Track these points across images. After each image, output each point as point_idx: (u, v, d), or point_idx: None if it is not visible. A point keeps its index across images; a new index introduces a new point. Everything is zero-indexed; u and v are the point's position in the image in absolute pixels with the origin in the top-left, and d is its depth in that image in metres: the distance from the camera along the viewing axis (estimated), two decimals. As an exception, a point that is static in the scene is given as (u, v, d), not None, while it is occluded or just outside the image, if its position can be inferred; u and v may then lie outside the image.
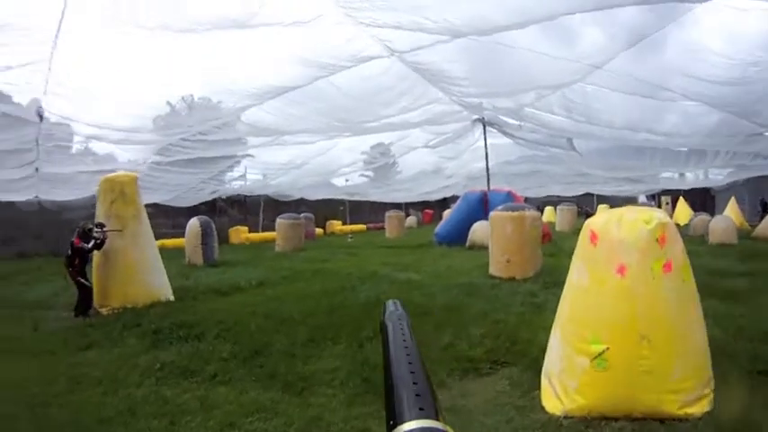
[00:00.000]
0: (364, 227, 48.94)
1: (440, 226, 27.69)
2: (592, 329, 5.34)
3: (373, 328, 8.30)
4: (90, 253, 11.80)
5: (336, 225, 47.05)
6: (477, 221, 21.91)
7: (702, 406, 5.20)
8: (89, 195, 19.60)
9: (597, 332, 5.29)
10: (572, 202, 40.79)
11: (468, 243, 21.79)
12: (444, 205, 44.97)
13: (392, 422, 1.11)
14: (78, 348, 8.84)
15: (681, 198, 44.07)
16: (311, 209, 39.03)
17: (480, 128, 21.57)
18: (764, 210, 30.70)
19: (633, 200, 45.58)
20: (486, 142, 21.94)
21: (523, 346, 7.51)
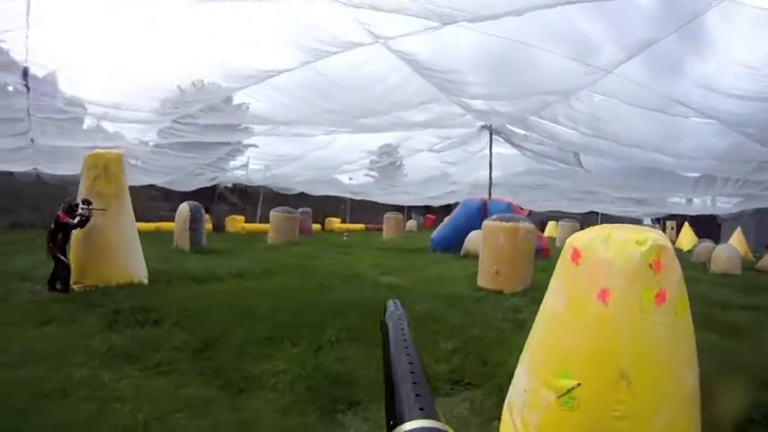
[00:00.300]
0: (363, 226, 48.62)
1: (436, 232, 27.16)
2: (562, 361, 4.51)
3: (339, 332, 7.98)
4: (74, 229, 11.36)
5: (335, 222, 46.70)
6: (473, 230, 21.12)
7: (686, 462, 4.31)
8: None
9: (568, 365, 4.42)
10: (574, 219, 40.52)
11: (462, 251, 21.23)
12: (447, 211, 44.65)
13: (392, 422, 1.09)
14: (38, 322, 8.58)
15: (686, 223, 43.87)
16: (313, 204, 38.89)
17: (487, 135, 21.07)
18: (773, 244, 30.22)
19: (638, 222, 45.25)
20: (491, 150, 21.42)
21: (493, 368, 6.90)
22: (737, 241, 32.00)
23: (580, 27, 10.54)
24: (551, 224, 46.00)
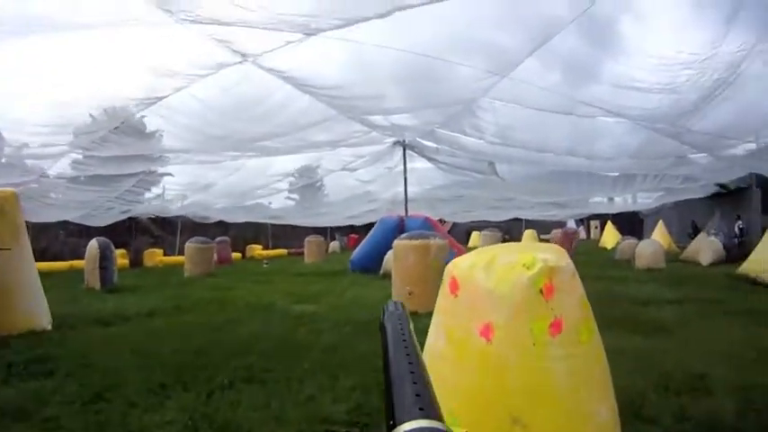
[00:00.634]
0: (285, 251, 47.90)
1: (355, 252, 26.86)
2: (447, 407, 3.57)
3: (234, 372, 7.57)
4: None
5: (256, 249, 45.93)
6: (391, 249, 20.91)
7: None
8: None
9: (454, 411, 3.59)
10: (497, 228, 40.78)
11: (381, 271, 20.91)
12: (370, 230, 44.88)
13: (392, 422, 1.09)
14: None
15: (609, 222, 44.75)
16: (234, 232, 38.36)
17: (401, 151, 20.89)
18: (695, 232, 30.91)
19: (562, 224, 45.94)
20: (405, 165, 21.25)
21: (396, 406, 6.51)
22: (660, 234, 33.13)
23: (478, 33, 10.36)
24: (475, 234, 46.20)
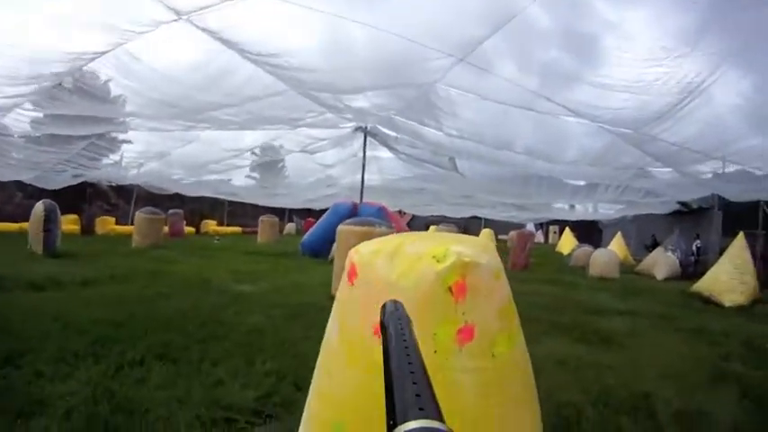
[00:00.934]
0: (240, 230, 47.82)
1: (306, 236, 26.65)
2: (337, 412, 3.17)
3: (149, 348, 7.28)
4: None
5: (211, 225, 45.78)
6: (343, 234, 20.70)
7: None
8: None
9: (343, 418, 3.10)
10: (454, 224, 40.76)
11: (330, 256, 20.45)
12: (326, 214, 44.79)
13: (392, 422, 1.05)
14: None
15: (566, 228, 45.08)
16: (190, 206, 37.91)
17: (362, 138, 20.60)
18: (654, 245, 31.17)
19: (522, 227, 46.08)
20: (364, 152, 21.00)
21: (306, 394, 6.18)
22: (618, 246, 33.28)
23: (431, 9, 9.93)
24: (432, 228, 46.21)
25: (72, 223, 32.46)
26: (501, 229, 48.90)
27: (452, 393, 2.76)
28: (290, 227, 51.06)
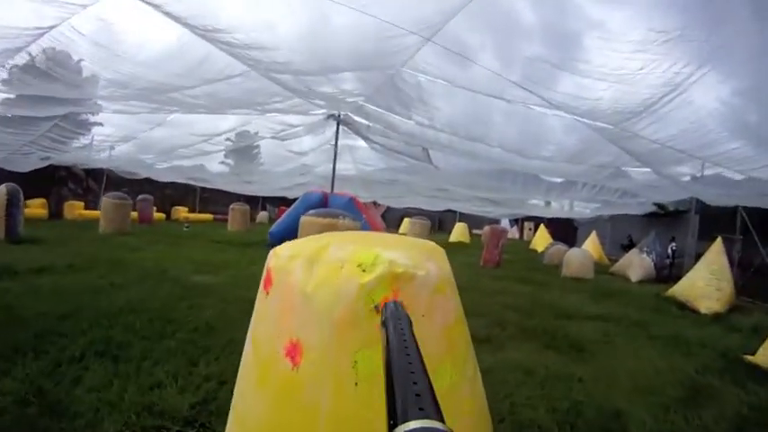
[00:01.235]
0: (211, 217, 47.19)
1: (275, 225, 26.16)
2: None
3: (90, 345, 6.89)
4: None
5: (182, 212, 45.07)
6: (312, 225, 20.28)
7: None
8: None
9: None
10: (426, 217, 40.57)
11: (298, 246, 20.19)
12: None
13: (392, 422, 1.09)
14: None
15: (541, 225, 44.97)
16: (161, 192, 37.40)
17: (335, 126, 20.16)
18: (630, 245, 31.10)
19: (497, 222, 45.93)
20: (336, 140, 20.59)
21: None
22: (592, 245, 33.04)
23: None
24: (406, 221, 45.82)
25: (41, 207, 31.99)
26: (476, 224, 48.82)
27: (378, 426, 1.93)
28: (263, 215, 50.61)
